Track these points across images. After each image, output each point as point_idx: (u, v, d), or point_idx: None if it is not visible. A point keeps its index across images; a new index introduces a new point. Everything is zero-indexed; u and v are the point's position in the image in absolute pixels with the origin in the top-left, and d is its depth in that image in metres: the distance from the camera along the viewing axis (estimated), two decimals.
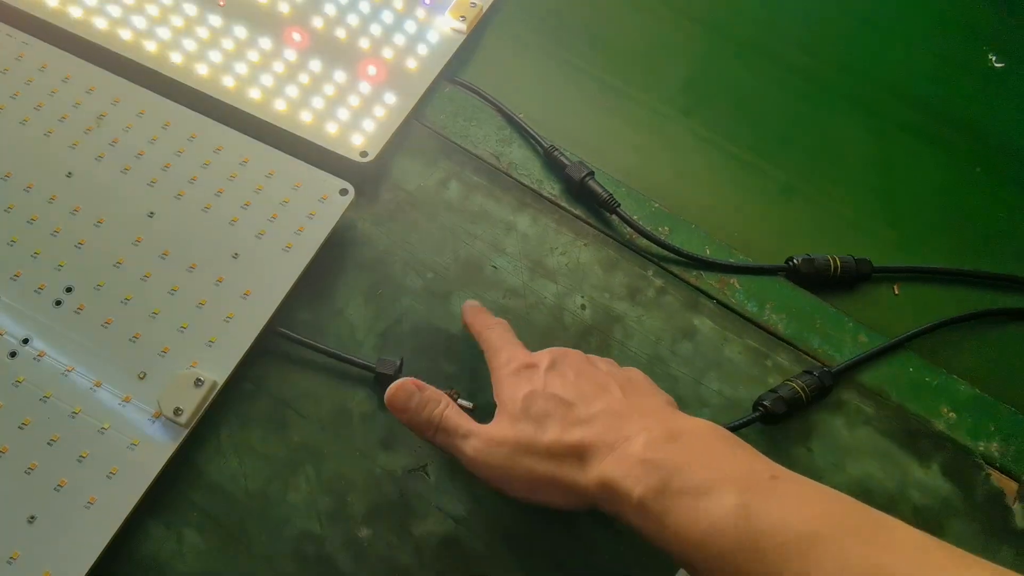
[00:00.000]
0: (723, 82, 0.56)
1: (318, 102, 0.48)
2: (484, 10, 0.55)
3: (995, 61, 0.59)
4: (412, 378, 0.37)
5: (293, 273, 0.42)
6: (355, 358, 0.42)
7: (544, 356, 0.37)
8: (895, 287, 0.48)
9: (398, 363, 0.41)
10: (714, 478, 0.30)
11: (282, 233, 0.43)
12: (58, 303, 0.40)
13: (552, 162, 0.49)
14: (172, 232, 0.43)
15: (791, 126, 0.54)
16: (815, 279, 0.47)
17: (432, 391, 0.37)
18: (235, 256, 0.42)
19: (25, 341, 0.39)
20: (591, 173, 0.47)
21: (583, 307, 0.45)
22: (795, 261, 0.47)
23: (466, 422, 0.36)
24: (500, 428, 0.35)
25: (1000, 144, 0.55)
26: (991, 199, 0.53)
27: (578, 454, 0.33)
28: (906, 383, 0.45)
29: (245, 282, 0.42)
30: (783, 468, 0.31)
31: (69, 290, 0.40)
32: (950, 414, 0.44)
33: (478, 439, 0.35)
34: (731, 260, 0.47)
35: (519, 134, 0.50)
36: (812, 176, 0.52)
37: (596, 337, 0.44)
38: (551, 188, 0.49)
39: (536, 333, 0.44)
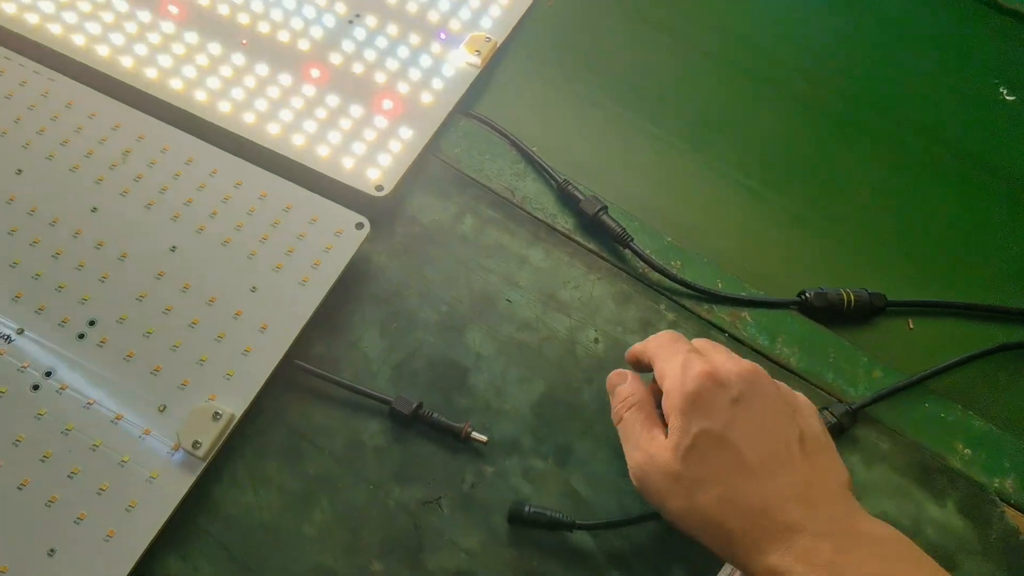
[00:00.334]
0: (735, 114, 0.56)
1: (335, 136, 0.49)
2: (498, 44, 0.56)
3: (1006, 94, 0.59)
4: (621, 371, 0.38)
5: (309, 307, 0.43)
6: (370, 391, 0.42)
7: (731, 376, 0.33)
8: (909, 321, 0.48)
9: (415, 404, 0.41)
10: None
11: (299, 267, 0.44)
12: (81, 336, 0.41)
13: (566, 196, 0.49)
14: (193, 266, 0.43)
15: (803, 159, 0.55)
16: (828, 313, 0.47)
17: (631, 385, 0.37)
18: (253, 290, 0.43)
19: (48, 374, 0.40)
20: (604, 208, 0.48)
21: (596, 340, 0.46)
22: (807, 295, 0.47)
23: (642, 432, 0.34)
24: (661, 455, 0.33)
25: (1014, 177, 0.55)
26: (1006, 233, 0.53)
27: (744, 527, 0.31)
28: (921, 419, 0.44)
29: (263, 315, 0.42)
30: None
31: (92, 323, 0.41)
32: (965, 451, 0.44)
33: (643, 456, 0.34)
34: (743, 294, 0.47)
35: (533, 167, 0.51)
36: (825, 209, 0.52)
37: (609, 371, 0.45)
38: (565, 222, 0.49)
39: (549, 367, 0.45)
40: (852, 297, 0.47)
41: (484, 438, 0.41)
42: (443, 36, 0.55)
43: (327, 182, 0.47)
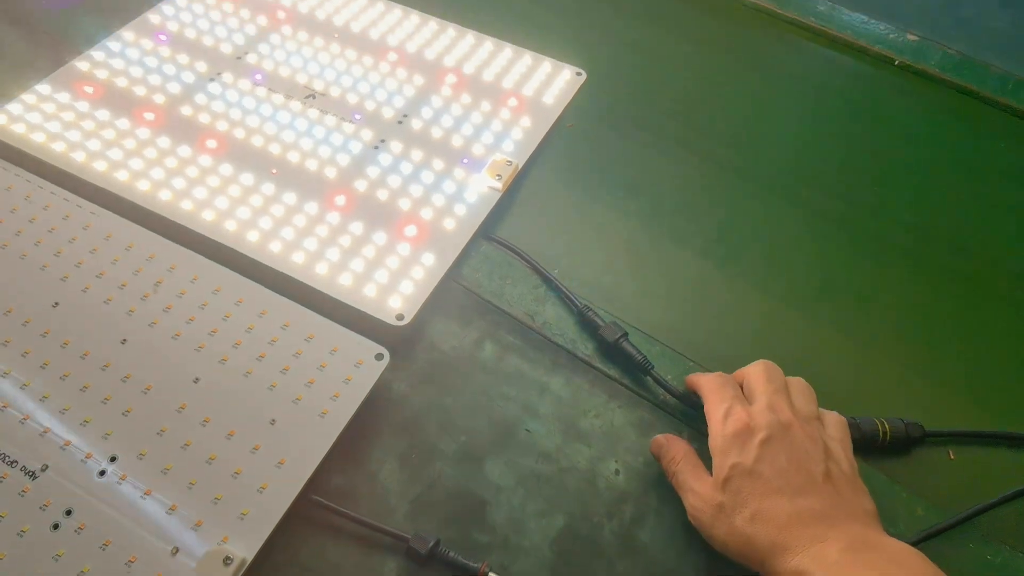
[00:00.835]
0: (758, 231, 0.56)
1: (358, 264, 0.50)
2: (520, 167, 0.57)
3: None
4: (664, 435, 0.43)
5: (327, 441, 0.43)
6: (388, 527, 0.41)
7: (763, 421, 0.39)
8: (950, 452, 0.46)
9: (432, 543, 0.40)
10: None
11: (318, 399, 0.44)
12: (102, 473, 0.41)
13: (586, 322, 0.49)
14: (214, 399, 0.44)
15: (830, 277, 0.54)
16: (862, 445, 0.45)
17: (674, 446, 0.42)
18: (272, 423, 0.43)
19: (68, 513, 0.40)
20: (625, 335, 0.47)
21: (617, 472, 0.44)
22: None
23: (691, 479, 0.40)
24: (706, 491, 0.39)
25: None
26: None
27: (771, 540, 0.36)
28: (967, 561, 0.42)
29: (280, 450, 0.42)
30: None
31: (113, 459, 0.42)
32: None
33: (694, 496, 0.39)
34: None
35: (553, 291, 0.51)
36: (853, 329, 0.51)
37: (631, 505, 0.43)
38: (585, 348, 0.49)
39: (569, 500, 0.43)
40: (888, 429, 0.45)
41: None
42: (465, 161, 0.57)
43: (349, 310, 0.48)
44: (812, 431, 0.39)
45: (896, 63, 0.69)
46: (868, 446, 0.45)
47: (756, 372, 0.42)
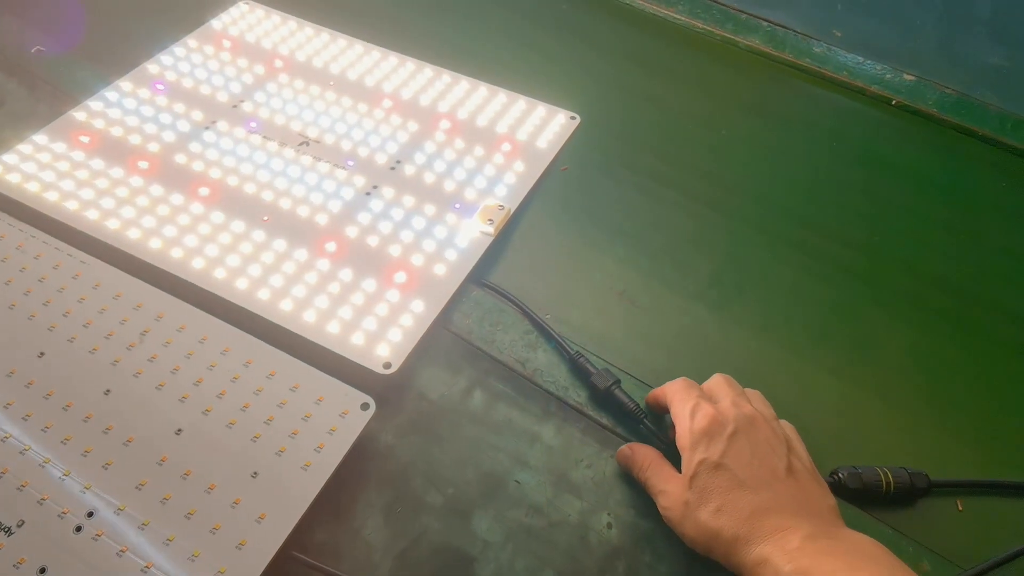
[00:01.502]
0: (753, 274, 0.55)
1: (346, 312, 0.49)
2: (512, 212, 0.57)
3: None
4: (628, 444, 0.44)
5: (309, 495, 0.41)
6: None
7: (730, 415, 0.40)
8: (958, 502, 0.44)
9: None
10: (863, 569, 0.32)
11: (302, 450, 0.43)
12: (78, 529, 0.40)
13: (578, 369, 0.48)
14: (196, 451, 0.43)
15: (826, 321, 0.53)
16: (863, 495, 0.43)
17: (638, 455, 0.43)
18: (254, 475, 0.42)
19: (42, 571, 0.39)
20: (617, 382, 0.46)
21: (610, 526, 0.43)
22: (841, 475, 0.44)
23: (661, 481, 0.41)
24: (675, 490, 0.40)
25: None
26: None
27: (735, 533, 0.36)
28: None
29: (261, 504, 0.41)
30: None
31: (90, 515, 0.41)
32: None
33: (664, 497, 0.40)
34: None
35: (545, 338, 0.50)
36: (853, 375, 0.50)
37: (624, 561, 0.42)
38: (577, 395, 0.48)
39: (560, 555, 0.42)
40: (891, 479, 0.43)
41: None
42: (458, 206, 0.57)
43: (335, 358, 0.47)
44: (775, 426, 0.41)
45: (893, 103, 0.68)
46: (870, 497, 0.43)
47: (717, 380, 0.44)
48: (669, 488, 0.40)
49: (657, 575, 0.41)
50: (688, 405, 0.41)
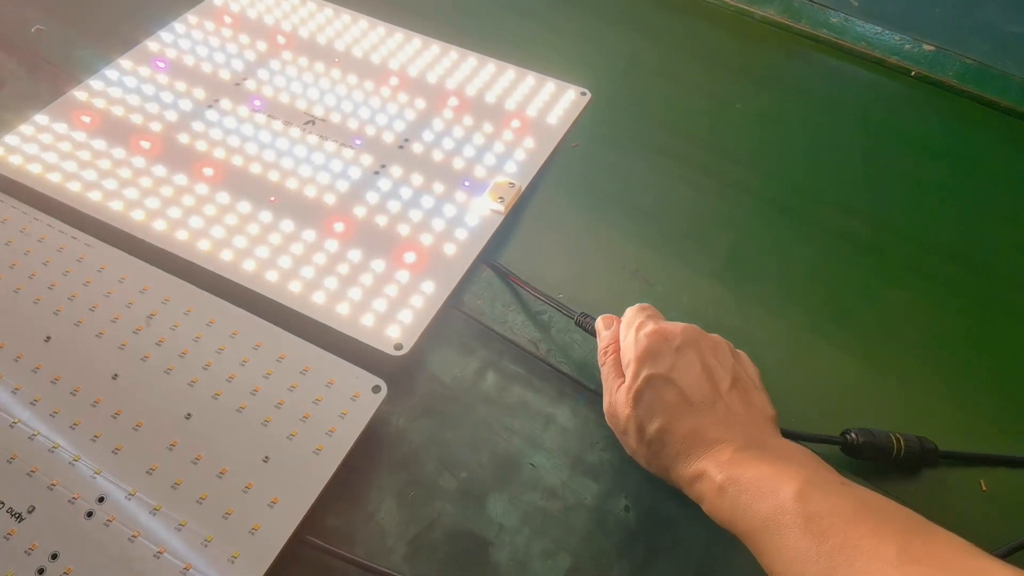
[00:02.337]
0: (769, 250, 0.54)
1: (356, 293, 0.48)
2: (522, 190, 0.56)
3: None
4: (611, 316, 0.44)
5: (322, 479, 0.41)
6: (385, 569, 0.39)
7: (677, 330, 0.40)
8: (982, 483, 0.43)
9: None
10: (785, 471, 0.33)
11: (313, 434, 0.42)
12: (89, 515, 0.40)
13: (585, 329, 0.47)
14: (206, 436, 0.42)
15: (846, 297, 0.52)
16: (874, 455, 0.43)
17: (613, 333, 0.43)
18: (265, 460, 0.42)
19: (54, 557, 0.38)
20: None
21: (627, 508, 0.42)
22: (852, 435, 0.43)
23: (613, 378, 0.41)
24: (619, 400, 0.40)
25: None
26: None
27: (677, 448, 0.37)
28: None
29: (273, 489, 0.41)
30: (860, 486, 0.33)
31: (101, 500, 0.40)
32: None
33: (610, 403, 0.41)
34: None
35: (558, 317, 0.49)
36: (867, 349, 0.49)
37: (642, 544, 0.41)
38: (592, 376, 0.47)
39: (576, 539, 0.41)
40: (902, 443, 0.43)
41: None
42: (467, 184, 0.55)
43: (346, 341, 0.47)
44: (720, 339, 0.42)
45: (913, 74, 0.66)
46: (880, 458, 0.43)
47: (633, 309, 0.44)
48: (615, 396, 0.40)
49: (676, 558, 0.40)
50: (637, 322, 0.41)
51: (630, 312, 0.43)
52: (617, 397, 0.40)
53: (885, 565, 0.28)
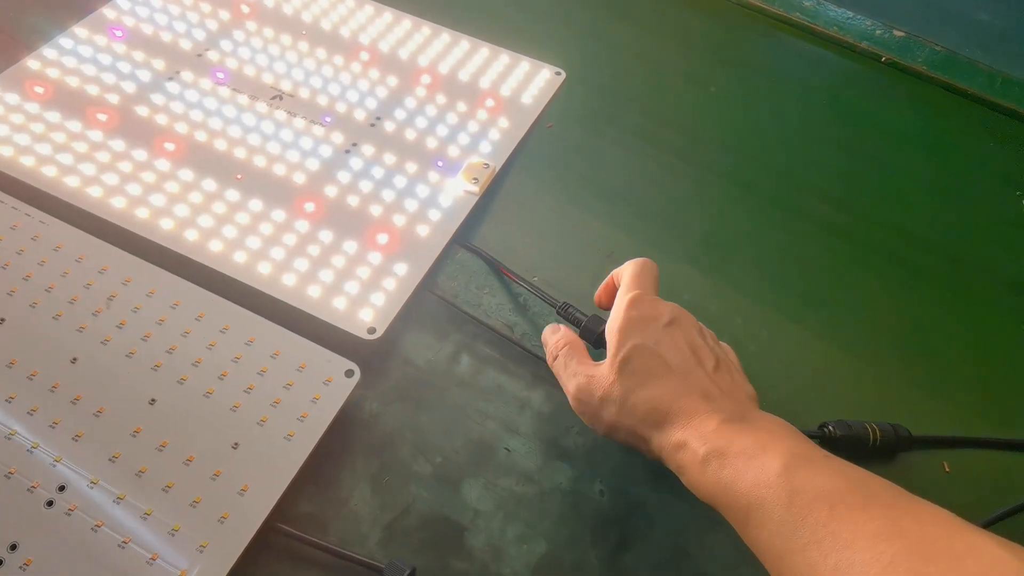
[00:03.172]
0: (744, 235, 0.55)
1: (327, 275, 0.47)
2: (497, 170, 0.55)
3: None
4: (555, 324, 0.44)
5: (294, 466, 0.40)
6: (359, 556, 0.39)
7: (666, 310, 0.40)
8: (945, 464, 0.44)
9: (407, 572, 0.38)
10: (770, 445, 0.33)
11: (285, 420, 0.41)
12: (50, 504, 0.38)
13: (568, 318, 0.46)
14: (171, 422, 0.41)
15: (816, 282, 0.52)
16: (850, 446, 0.44)
17: (563, 333, 0.43)
18: (235, 447, 0.41)
19: (12, 548, 0.37)
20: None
21: (602, 493, 0.42)
22: (830, 428, 0.44)
23: (579, 365, 0.40)
24: (602, 374, 0.39)
25: None
26: None
27: (661, 417, 0.37)
28: None
29: (243, 476, 0.40)
30: (843, 461, 0.33)
31: (62, 489, 0.39)
32: None
33: (583, 379, 0.40)
34: None
35: (533, 300, 0.49)
36: (843, 336, 0.49)
37: (617, 529, 0.41)
38: None
39: (551, 524, 0.41)
40: (878, 432, 0.43)
41: None
42: (440, 164, 0.54)
43: (317, 324, 0.46)
44: (704, 327, 0.42)
45: (883, 60, 0.67)
46: (856, 448, 0.44)
47: (639, 267, 0.44)
48: (593, 371, 0.40)
49: (651, 541, 0.41)
50: (631, 293, 0.41)
51: (636, 272, 0.42)
52: (594, 373, 0.39)
53: (872, 540, 0.28)
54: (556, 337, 0.43)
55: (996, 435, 0.45)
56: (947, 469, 0.44)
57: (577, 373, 0.40)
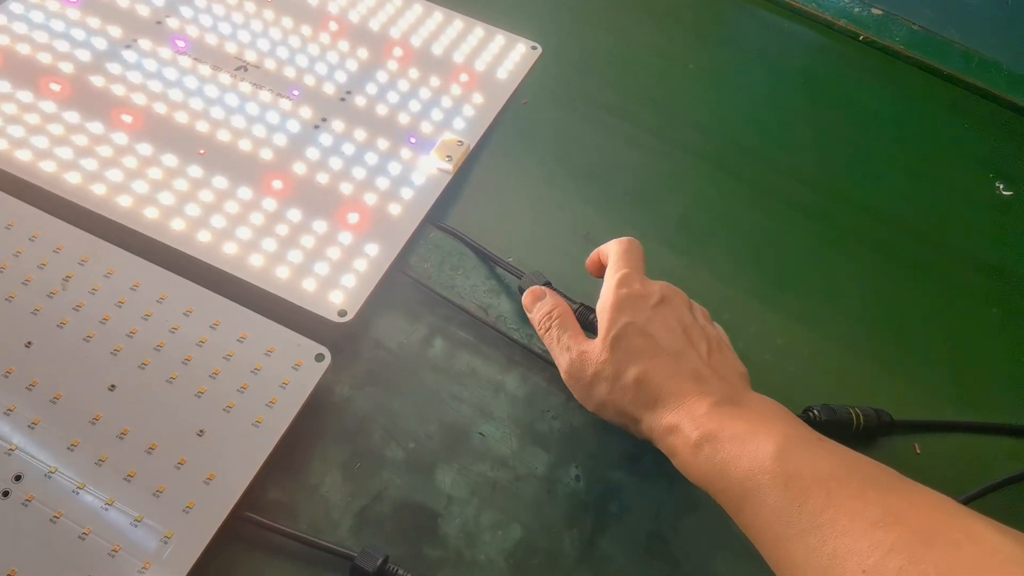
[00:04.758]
0: (721, 218, 0.54)
1: (296, 256, 0.46)
2: (471, 148, 0.53)
3: (1003, 189, 0.57)
4: (543, 287, 0.43)
5: (262, 453, 0.39)
6: (330, 544, 0.38)
7: (656, 289, 0.40)
8: (916, 446, 0.45)
9: (380, 559, 0.37)
10: (762, 428, 0.33)
11: (252, 406, 0.40)
12: (5, 494, 0.37)
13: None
14: (133, 408, 0.40)
15: (792, 265, 0.52)
16: (834, 430, 0.43)
17: (552, 300, 0.42)
18: (200, 434, 0.39)
19: None
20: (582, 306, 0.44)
21: (577, 478, 0.42)
22: (814, 412, 0.44)
23: (568, 337, 0.40)
24: (594, 350, 0.39)
25: (1017, 280, 0.52)
26: (1010, 341, 0.50)
27: (653, 397, 0.37)
28: None
29: (209, 464, 0.38)
30: (837, 443, 0.33)
31: (18, 478, 0.37)
32: None
33: (576, 354, 0.39)
34: None
35: (507, 281, 0.48)
36: (818, 319, 0.50)
37: (592, 513, 0.41)
38: (542, 343, 0.46)
39: (526, 509, 0.41)
40: (861, 417, 0.44)
41: None
42: (413, 140, 0.53)
43: (286, 306, 0.44)
44: (695, 304, 0.42)
45: (860, 38, 0.66)
46: (839, 432, 0.43)
47: (626, 245, 0.43)
48: (585, 347, 0.39)
49: (626, 527, 0.41)
50: (620, 272, 0.41)
51: (624, 251, 0.42)
52: (587, 349, 0.39)
53: (870, 527, 0.28)
54: (544, 305, 0.42)
55: (968, 418, 0.46)
56: (918, 451, 0.45)
57: (570, 348, 0.40)
